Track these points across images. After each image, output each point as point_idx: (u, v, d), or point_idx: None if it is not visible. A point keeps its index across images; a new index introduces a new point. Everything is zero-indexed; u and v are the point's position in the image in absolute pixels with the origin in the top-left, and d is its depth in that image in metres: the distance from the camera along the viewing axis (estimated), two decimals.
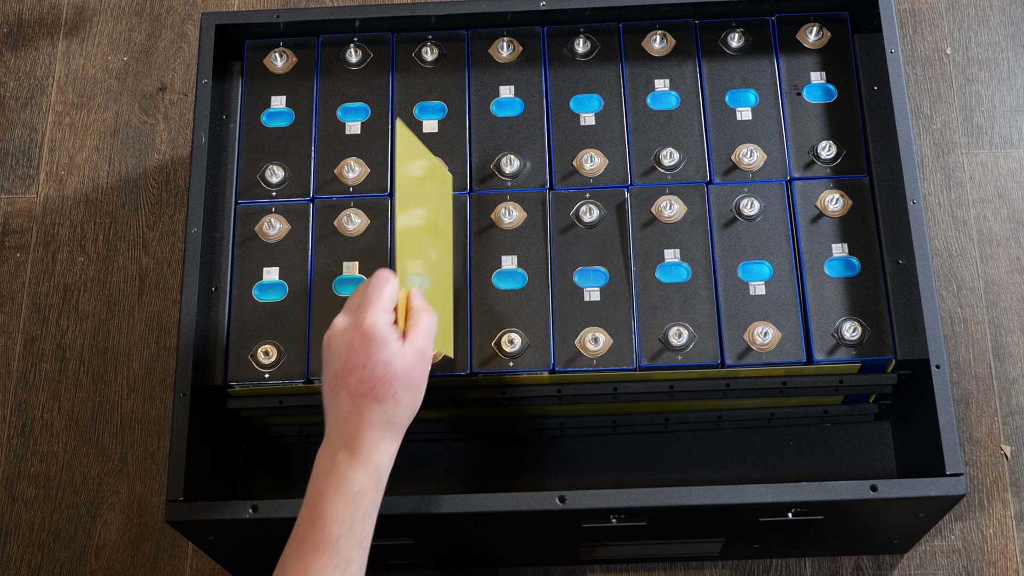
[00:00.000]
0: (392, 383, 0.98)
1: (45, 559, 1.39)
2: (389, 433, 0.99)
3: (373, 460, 0.98)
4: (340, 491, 0.97)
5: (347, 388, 0.98)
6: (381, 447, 0.99)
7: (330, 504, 0.96)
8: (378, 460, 0.99)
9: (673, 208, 1.22)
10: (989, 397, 1.41)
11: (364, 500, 0.97)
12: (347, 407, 0.99)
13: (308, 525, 0.97)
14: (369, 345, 0.98)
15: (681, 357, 1.17)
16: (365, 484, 0.97)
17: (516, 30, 1.31)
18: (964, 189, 1.52)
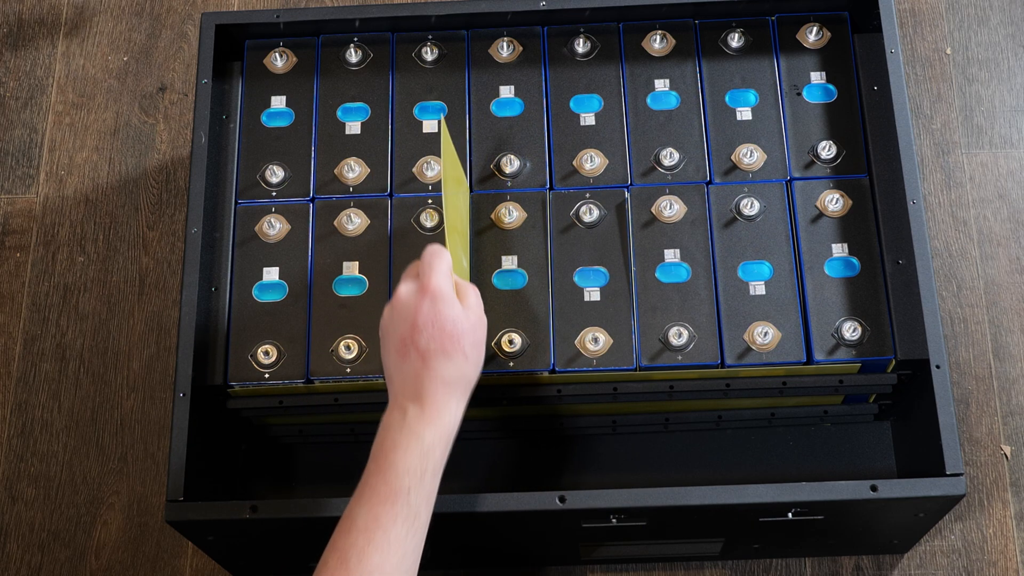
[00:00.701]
0: (461, 339, 1.02)
1: (45, 559, 1.39)
2: (457, 390, 1.03)
3: (443, 416, 1.01)
4: (411, 445, 0.99)
5: (416, 347, 1.02)
6: (450, 404, 1.02)
7: (401, 458, 0.99)
8: (447, 417, 1.02)
9: (673, 208, 1.22)
10: (989, 397, 1.41)
11: (434, 455, 1.00)
12: (417, 366, 1.02)
13: (379, 477, 0.99)
14: (437, 303, 1.02)
15: (681, 357, 1.17)
16: (435, 439, 1.00)
17: (516, 30, 1.31)
18: (964, 189, 1.52)
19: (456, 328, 1.03)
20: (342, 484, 1.28)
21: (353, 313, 1.20)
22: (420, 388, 1.01)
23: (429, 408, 1.01)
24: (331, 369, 1.18)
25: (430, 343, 1.02)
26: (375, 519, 0.97)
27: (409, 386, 1.02)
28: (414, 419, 1.00)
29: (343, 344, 1.17)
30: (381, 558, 0.96)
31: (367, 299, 1.20)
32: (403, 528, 0.97)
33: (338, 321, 1.19)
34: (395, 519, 0.97)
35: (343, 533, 0.98)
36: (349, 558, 0.96)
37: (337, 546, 0.98)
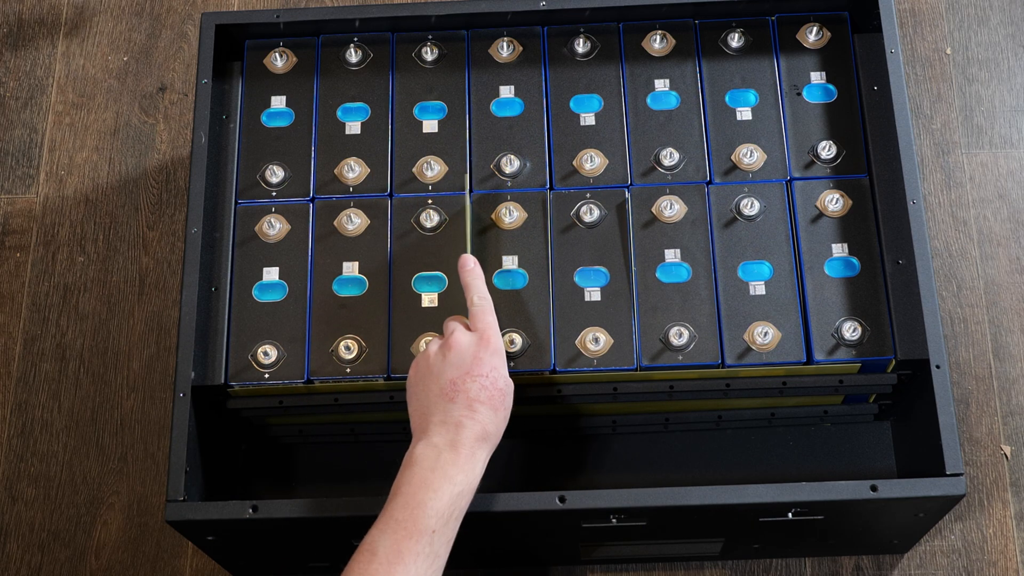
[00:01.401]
0: (507, 396, 1.07)
1: (45, 559, 1.39)
2: (488, 443, 1.05)
3: (475, 466, 1.03)
4: (443, 488, 1.00)
5: (467, 393, 1.04)
6: (481, 456, 1.04)
7: (431, 498, 0.99)
8: (478, 468, 1.03)
9: (673, 208, 1.22)
10: (989, 397, 1.41)
11: (461, 502, 1.01)
12: (462, 411, 1.04)
13: (406, 512, 0.99)
14: (495, 358, 1.07)
15: (681, 357, 1.17)
16: (465, 486, 1.02)
17: (516, 30, 1.31)
18: (964, 189, 1.52)
19: (508, 387, 1.07)
20: (342, 484, 1.28)
21: (353, 313, 1.20)
22: (460, 433, 1.03)
23: (465, 454, 1.02)
24: (331, 369, 1.18)
25: (481, 392, 1.05)
26: (397, 553, 0.97)
27: (450, 429, 1.03)
28: (448, 463, 1.01)
29: (343, 344, 1.17)
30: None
31: (367, 299, 1.20)
32: (423, 567, 0.98)
33: (338, 321, 1.19)
34: (417, 557, 0.98)
35: (363, 561, 0.97)
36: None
37: (354, 571, 0.97)
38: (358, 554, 0.98)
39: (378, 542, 0.98)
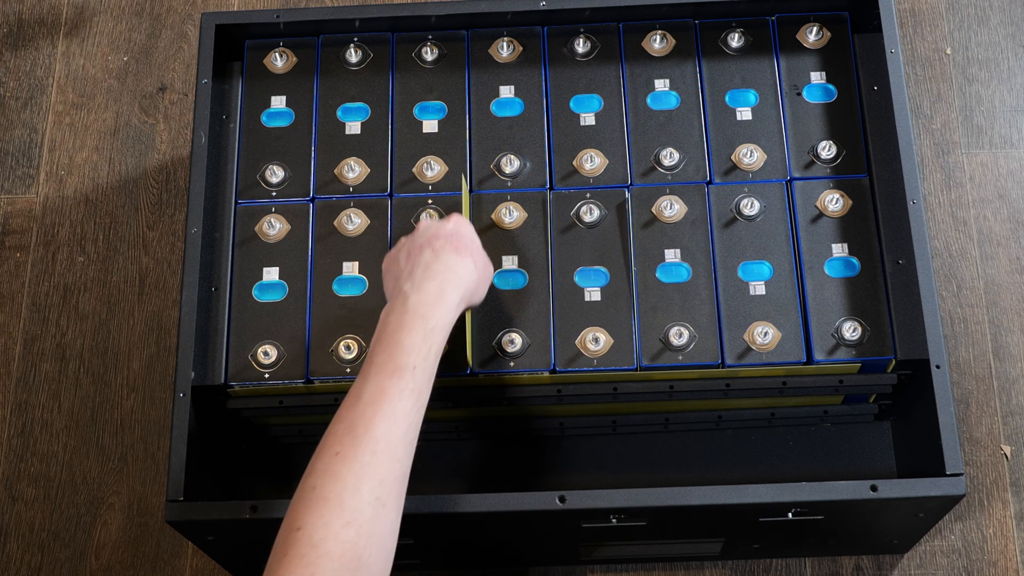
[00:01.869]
0: (472, 248, 1.10)
1: (45, 559, 1.39)
2: (460, 286, 1.07)
3: (446, 301, 1.05)
4: (416, 326, 1.02)
5: (431, 246, 1.08)
6: (450, 293, 1.06)
7: (407, 337, 1.01)
8: (449, 304, 1.05)
9: (673, 208, 1.22)
10: (989, 397, 1.41)
11: (436, 337, 1.03)
12: (427, 258, 1.07)
13: (385, 355, 1.01)
14: (461, 224, 1.11)
15: (681, 357, 1.17)
16: (437, 322, 1.03)
17: (516, 30, 1.31)
18: (964, 189, 1.52)
19: (473, 241, 1.11)
20: None
21: (353, 313, 1.20)
22: (426, 275, 1.06)
23: (433, 292, 1.04)
24: (331, 369, 1.18)
25: (446, 244, 1.08)
26: (381, 391, 0.99)
27: (416, 276, 1.06)
28: (418, 302, 1.03)
29: (343, 344, 1.17)
30: (387, 428, 0.97)
31: (367, 299, 1.20)
32: (409, 402, 0.99)
33: (338, 321, 1.19)
34: (401, 393, 0.99)
35: (349, 406, 0.99)
36: (356, 427, 0.97)
37: (343, 417, 0.99)
38: (346, 400, 1.00)
39: (362, 386, 1.00)
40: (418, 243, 1.09)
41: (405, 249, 1.10)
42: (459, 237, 1.09)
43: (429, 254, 1.07)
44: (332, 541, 0.93)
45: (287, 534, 0.94)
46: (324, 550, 0.92)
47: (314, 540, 0.93)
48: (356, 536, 0.92)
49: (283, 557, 0.94)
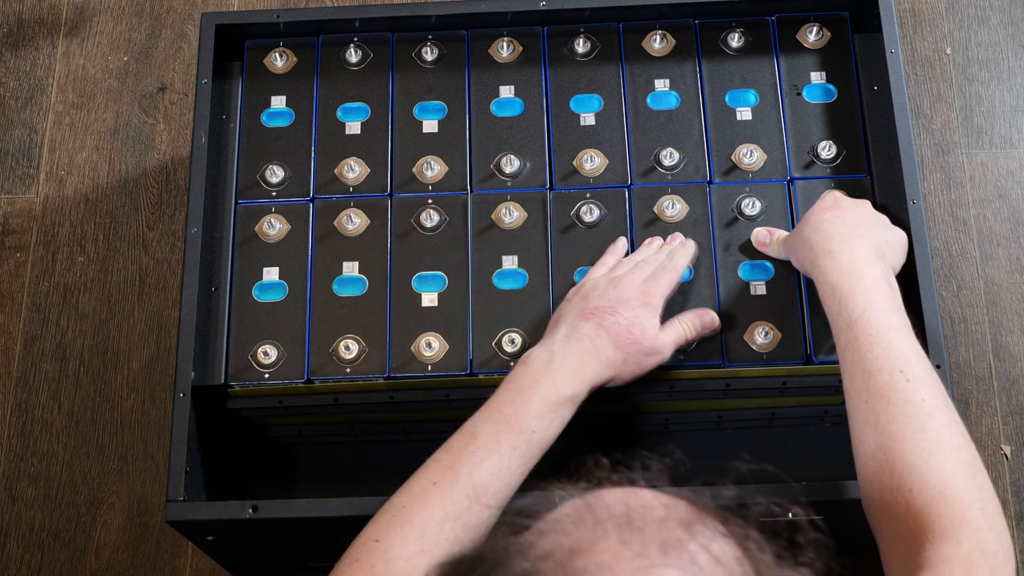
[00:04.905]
0: (637, 345, 1.08)
1: (45, 559, 1.39)
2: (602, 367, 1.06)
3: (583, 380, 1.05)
4: (548, 393, 1.03)
5: (600, 320, 1.07)
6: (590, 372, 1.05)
7: (539, 401, 1.02)
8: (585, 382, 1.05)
9: (675, 208, 1.22)
10: (989, 397, 1.41)
11: (563, 412, 1.04)
12: (588, 330, 1.07)
13: (511, 408, 1.01)
14: (643, 310, 1.09)
15: (682, 357, 1.16)
16: (568, 397, 1.04)
17: (516, 30, 1.31)
18: (964, 189, 1.52)
19: (643, 339, 1.08)
20: (342, 484, 1.28)
21: (353, 313, 1.20)
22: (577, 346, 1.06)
23: (575, 365, 1.04)
24: (331, 369, 1.18)
25: (613, 327, 1.07)
26: (496, 441, 0.99)
27: (570, 340, 1.06)
28: (558, 369, 1.04)
29: (343, 344, 1.17)
30: (489, 478, 0.98)
31: (367, 299, 1.20)
32: (518, 461, 1.00)
33: (338, 321, 1.19)
34: (514, 451, 1.00)
35: (462, 443, 1.00)
36: (460, 465, 0.98)
37: (452, 448, 0.99)
38: (459, 433, 1.01)
39: (480, 427, 1.00)
40: (595, 305, 1.09)
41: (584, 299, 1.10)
42: (629, 327, 1.08)
43: (592, 328, 1.07)
44: (403, 562, 0.93)
45: (365, 543, 0.95)
46: (394, 568, 0.93)
47: (388, 556, 0.93)
48: (426, 564, 0.92)
49: (355, 562, 0.94)
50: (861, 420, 0.98)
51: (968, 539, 0.88)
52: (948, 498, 0.90)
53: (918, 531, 0.89)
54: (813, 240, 1.08)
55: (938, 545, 0.87)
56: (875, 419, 0.96)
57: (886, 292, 1.03)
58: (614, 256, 1.18)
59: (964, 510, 0.90)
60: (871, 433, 0.96)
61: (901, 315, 1.02)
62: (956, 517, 0.89)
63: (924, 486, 0.91)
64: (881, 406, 0.96)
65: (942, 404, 0.96)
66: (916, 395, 0.96)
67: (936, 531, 0.89)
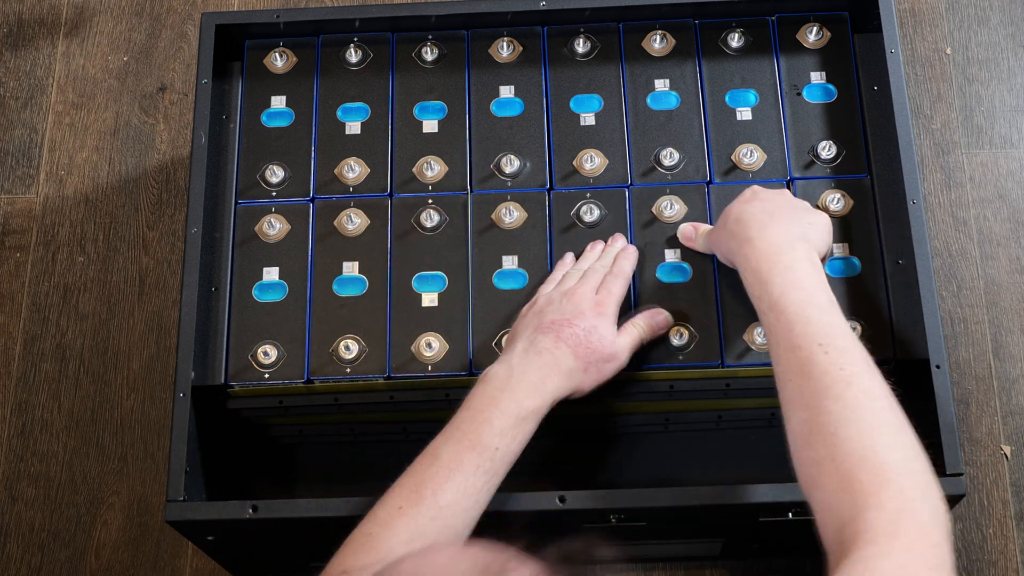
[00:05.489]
0: (595, 354, 1.08)
1: (45, 559, 1.39)
2: (563, 380, 1.07)
3: (544, 393, 1.05)
4: (509, 408, 1.03)
5: (557, 333, 1.08)
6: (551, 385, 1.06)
7: (498, 417, 1.02)
8: (547, 396, 1.05)
9: (674, 208, 1.22)
10: (989, 397, 1.41)
11: (526, 427, 1.04)
12: (546, 343, 1.07)
13: (472, 426, 1.01)
14: (600, 319, 1.10)
15: (681, 357, 1.17)
16: (530, 412, 1.04)
17: (516, 30, 1.31)
18: (964, 189, 1.52)
19: (601, 347, 1.09)
20: (342, 484, 1.28)
21: (353, 313, 1.20)
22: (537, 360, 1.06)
23: (535, 380, 1.05)
24: (331, 369, 1.18)
25: (571, 338, 1.08)
26: (459, 461, 0.99)
27: (529, 355, 1.06)
28: (518, 385, 1.04)
29: (343, 344, 1.17)
30: (455, 499, 0.98)
31: (367, 299, 1.20)
32: (482, 480, 1.00)
33: (338, 321, 1.19)
34: (477, 469, 1.00)
35: (424, 464, 1.00)
36: (424, 488, 0.98)
37: (415, 472, 1.00)
38: (422, 456, 1.01)
39: (441, 448, 1.00)
40: (551, 319, 1.09)
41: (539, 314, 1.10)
42: (587, 336, 1.08)
43: (550, 341, 1.07)
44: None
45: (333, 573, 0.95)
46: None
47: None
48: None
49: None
50: (787, 400, 0.97)
51: (891, 500, 0.86)
52: (867, 461, 0.88)
53: (844, 501, 0.87)
54: (734, 231, 1.09)
55: (863, 513, 0.85)
56: (798, 395, 0.95)
57: (807, 271, 1.03)
58: (563, 270, 1.18)
59: (884, 471, 0.88)
60: (795, 410, 0.95)
61: (824, 291, 1.02)
62: (877, 480, 0.87)
63: (844, 454, 0.90)
64: (803, 382, 0.95)
65: (863, 371, 0.95)
66: (834, 366, 0.95)
67: (859, 498, 0.86)
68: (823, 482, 0.90)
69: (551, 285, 1.16)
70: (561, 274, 1.17)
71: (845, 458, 0.89)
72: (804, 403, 0.94)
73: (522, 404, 1.04)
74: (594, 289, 1.12)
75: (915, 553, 0.83)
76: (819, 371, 0.95)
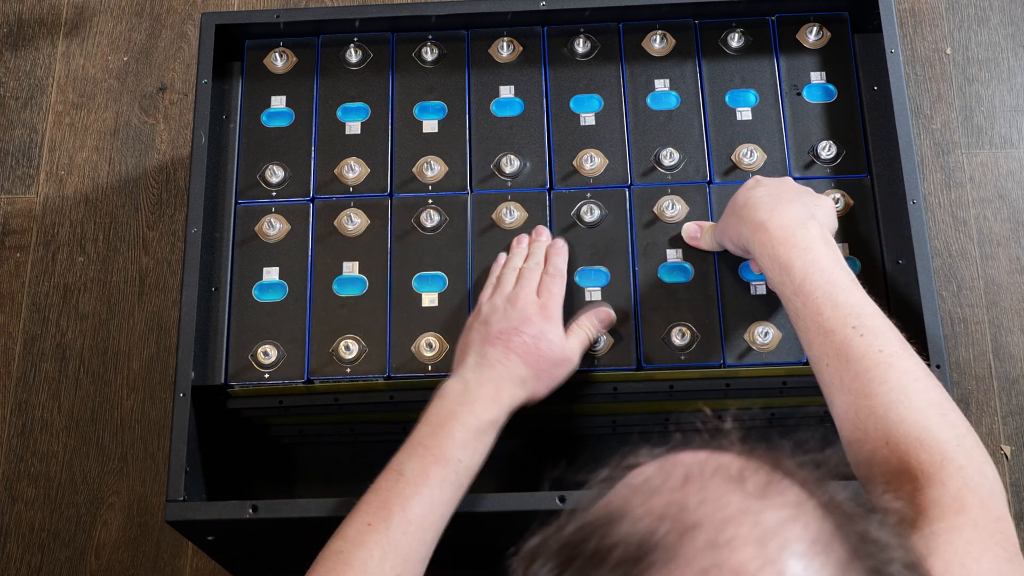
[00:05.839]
0: (545, 359, 1.09)
1: (45, 559, 1.39)
2: (517, 388, 1.07)
3: (501, 403, 1.06)
4: (468, 421, 1.03)
5: (507, 343, 1.08)
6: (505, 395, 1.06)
7: (459, 430, 1.03)
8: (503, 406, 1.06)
9: (675, 208, 1.22)
10: (989, 397, 1.41)
11: (485, 438, 1.04)
12: (497, 354, 1.08)
13: (434, 440, 1.02)
14: (546, 323, 1.10)
15: (682, 357, 1.17)
16: (489, 423, 1.05)
17: (516, 30, 1.31)
18: (964, 189, 1.52)
19: (551, 352, 1.09)
20: (342, 484, 1.28)
21: (353, 313, 1.20)
22: (490, 372, 1.06)
23: (490, 391, 1.05)
24: (331, 369, 1.18)
25: (520, 347, 1.08)
26: (424, 475, 1.00)
27: (482, 368, 1.07)
28: (475, 397, 1.04)
29: (343, 344, 1.17)
30: (422, 512, 0.99)
31: (367, 299, 1.20)
32: (448, 492, 1.00)
33: (338, 321, 1.19)
34: (442, 482, 1.00)
35: (389, 480, 1.00)
36: (391, 504, 0.98)
37: (381, 489, 1.00)
38: (385, 473, 1.01)
39: (405, 464, 1.01)
40: (498, 328, 1.09)
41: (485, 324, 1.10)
42: (536, 343, 1.09)
43: (500, 352, 1.08)
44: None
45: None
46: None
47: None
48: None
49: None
50: (827, 384, 0.97)
51: (952, 478, 0.87)
52: (924, 442, 0.89)
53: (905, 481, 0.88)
54: (743, 216, 1.09)
55: (926, 490, 0.87)
56: (839, 380, 0.96)
57: (824, 251, 1.03)
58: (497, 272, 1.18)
59: (942, 450, 0.89)
60: (839, 395, 0.96)
61: (844, 270, 1.02)
62: (936, 459, 0.88)
63: (899, 436, 0.91)
64: (842, 366, 0.96)
65: (899, 351, 0.95)
66: (872, 348, 0.95)
67: (920, 478, 0.88)
68: (882, 466, 0.91)
69: (489, 290, 1.16)
70: (495, 276, 1.17)
71: (900, 439, 0.90)
72: (847, 387, 0.95)
73: (481, 417, 1.04)
74: (535, 291, 1.13)
75: (980, 528, 0.84)
76: (858, 354, 0.95)
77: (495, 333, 1.09)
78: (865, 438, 0.93)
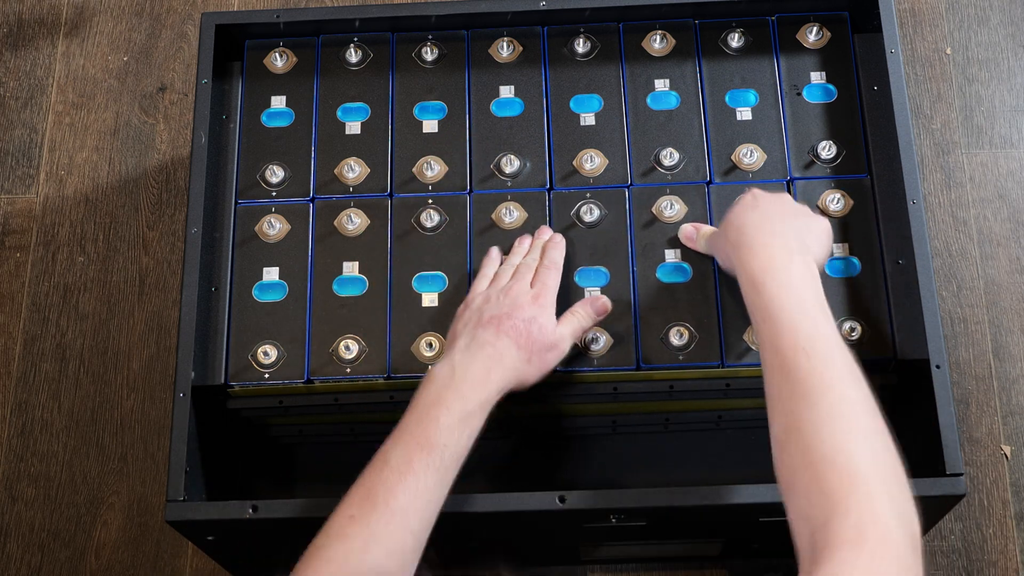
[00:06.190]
0: (537, 343, 1.09)
1: (45, 559, 1.39)
2: (506, 372, 1.07)
3: (488, 386, 1.05)
4: (454, 405, 1.03)
5: (497, 326, 1.09)
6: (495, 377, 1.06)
7: (444, 415, 1.02)
8: (491, 389, 1.06)
9: (674, 208, 1.22)
10: (989, 397, 1.41)
11: (472, 422, 1.03)
12: (486, 336, 1.08)
13: (419, 427, 1.02)
14: (539, 310, 1.11)
15: (681, 357, 1.17)
16: (476, 406, 1.04)
17: (516, 30, 1.31)
18: (964, 189, 1.52)
19: (541, 336, 1.10)
20: (342, 484, 1.28)
21: (353, 313, 1.20)
22: (478, 354, 1.06)
23: (479, 374, 1.05)
24: (331, 369, 1.18)
25: (511, 330, 1.08)
26: (408, 462, 0.99)
27: (471, 350, 1.07)
28: (461, 380, 1.04)
29: (343, 344, 1.17)
30: (407, 501, 0.98)
31: (367, 299, 1.20)
32: (434, 479, 1.00)
33: (338, 321, 1.19)
34: (427, 468, 0.99)
35: (374, 470, 1.00)
36: (376, 494, 0.98)
37: (365, 480, 1.00)
38: (372, 463, 1.01)
39: (391, 452, 1.01)
40: (490, 315, 1.10)
41: (478, 311, 1.11)
42: (527, 327, 1.09)
43: (490, 334, 1.08)
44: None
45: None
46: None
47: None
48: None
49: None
50: (769, 405, 0.97)
51: (857, 506, 0.85)
52: (837, 465, 0.88)
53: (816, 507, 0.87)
54: (734, 239, 1.09)
55: (831, 519, 0.85)
56: (779, 399, 0.96)
57: (801, 279, 1.03)
58: (492, 266, 1.18)
59: (852, 476, 0.87)
60: (776, 415, 0.96)
61: (815, 299, 1.02)
62: (844, 484, 0.87)
63: (816, 458, 0.89)
64: (783, 384, 0.95)
65: (844, 378, 0.95)
66: (814, 371, 0.94)
67: (828, 503, 0.86)
68: (797, 487, 0.90)
69: (484, 282, 1.16)
70: (492, 270, 1.18)
71: (816, 460, 0.89)
72: (783, 408, 0.95)
73: (468, 399, 1.04)
74: (529, 283, 1.14)
75: (879, 560, 0.82)
76: (800, 375, 0.95)
77: (487, 318, 1.09)
78: (789, 460, 0.92)
